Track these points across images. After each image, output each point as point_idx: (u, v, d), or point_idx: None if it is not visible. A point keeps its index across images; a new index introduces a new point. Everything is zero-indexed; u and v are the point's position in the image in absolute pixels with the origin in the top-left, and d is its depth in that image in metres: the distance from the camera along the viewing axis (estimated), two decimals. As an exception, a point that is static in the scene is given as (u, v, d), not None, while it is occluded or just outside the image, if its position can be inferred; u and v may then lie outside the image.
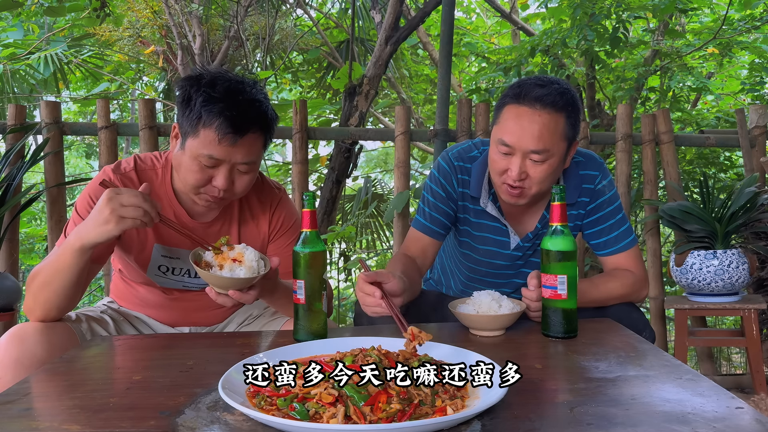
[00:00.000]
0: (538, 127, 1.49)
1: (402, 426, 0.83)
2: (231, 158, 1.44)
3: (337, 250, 4.78)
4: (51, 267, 1.40)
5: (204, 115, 1.40)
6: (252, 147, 1.47)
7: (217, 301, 1.38)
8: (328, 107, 5.48)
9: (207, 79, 1.44)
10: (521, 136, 1.50)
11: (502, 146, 1.53)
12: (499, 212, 1.69)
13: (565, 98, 1.52)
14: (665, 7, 3.90)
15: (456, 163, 1.72)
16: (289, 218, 1.70)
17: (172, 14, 4.38)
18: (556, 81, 1.54)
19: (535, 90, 1.50)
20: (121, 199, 1.32)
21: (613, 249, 1.68)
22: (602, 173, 1.69)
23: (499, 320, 1.36)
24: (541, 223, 1.70)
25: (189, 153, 1.44)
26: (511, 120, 1.52)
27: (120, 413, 0.95)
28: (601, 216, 1.68)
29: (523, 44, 4.58)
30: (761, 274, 2.86)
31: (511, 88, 1.56)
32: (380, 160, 8.93)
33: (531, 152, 1.51)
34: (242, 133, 1.42)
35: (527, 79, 1.56)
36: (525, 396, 0.98)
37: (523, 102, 1.51)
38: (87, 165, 8.53)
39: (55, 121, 2.82)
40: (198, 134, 1.42)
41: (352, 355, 1.02)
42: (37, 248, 5.46)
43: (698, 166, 4.26)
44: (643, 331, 1.54)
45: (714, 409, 0.90)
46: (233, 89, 1.43)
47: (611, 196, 1.69)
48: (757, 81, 4.74)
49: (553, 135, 1.50)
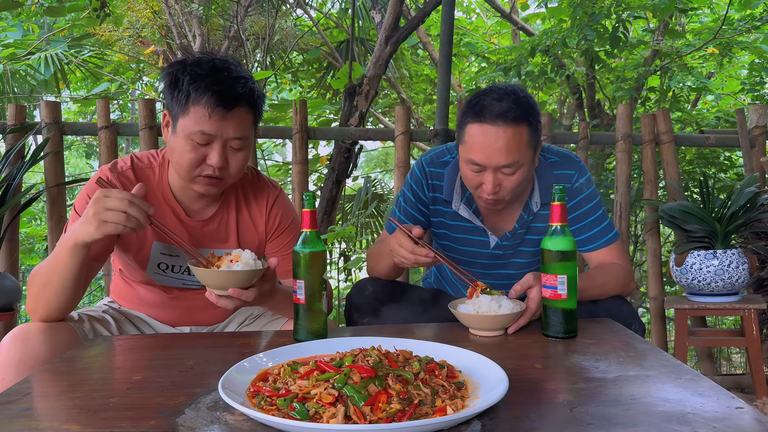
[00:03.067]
0: (503, 142, 1.51)
1: (402, 426, 0.83)
2: (222, 133, 1.44)
3: (337, 250, 4.78)
4: (49, 267, 1.40)
5: (192, 92, 1.41)
6: (242, 121, 1.47)
7: (218, 304, 1.37)
8: (328, 107, 5.48)
9: (192, 60, 1.46)
10: (489, 155, 1.52)
11: (473, 165, 1.56)
12: (473, 214, 1.73)
13: (523, 108, 1.53)
14: (665, 6, 3.90)
15: (428, 168, 1.77)
16: (287, 216, 1.70)
17: (172, 14, 4.38)
18: (511, 90, 1.56)
19: (494, 106, 1.52)
20: (106, 203, 1.30)
21: (596, 244, 1.71)
22: (579, 171, 1.72)
23: (499, 320, 1.36)
24: (519, 223, 1.73)
25: (181, 133, 1.44)
26: (477, 139, 1.53)
27: (120, 413, 0.95)
28: (581, 213, 1.70)
29: (523, 44, 4.58)
30: (761, 274, 2.86)
31: (470, 107, 1.56)
32: (380, 160, 8.94)
33: (501, 167, 1.54)
34: (231, 106, 1.43)
35: (483, 95, 1.56)
36: (525, 396, 0.98)
37: (484, 120, 1.52)
38: (87, 165, 8.53)
39: (55, 121, 2.82)
40: (188, 112, 1.42)
41: (352, 355, 1.02)
42: (37, 248, 5.46)
43: (698, 166, 4.26)
44: (633, 323, 1.56)
45: (714, 409, 0.90)
46: (219, 66, 1.45)
47: (590, 193, 1.72)
48: (757, 81, 4.74)
49: (519, 147, 1.53)
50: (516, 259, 1.78)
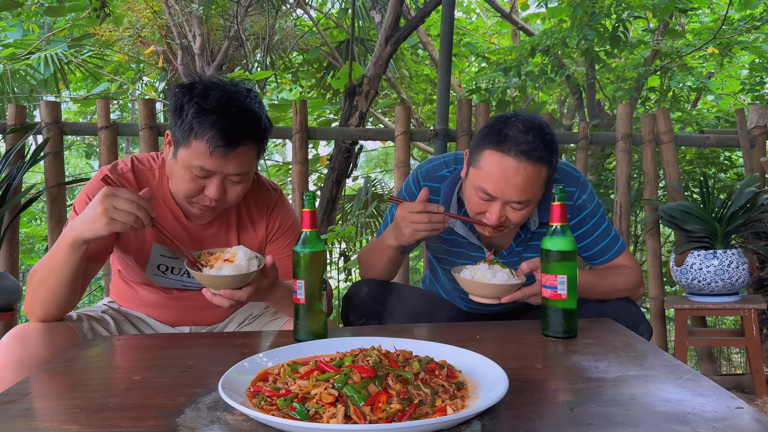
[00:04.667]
0: (522, 179, 1.45)
1: (402, 426, 0.83)
2: (223, 170, 1.43)
3: (337, 250, 4.78)
4: (46, 264, 1.40)
5: (196, 126, 1.38)
6: (245, 158, 1.45)
7: (213, 301, 1.38)
8: (328, 107, 5.48)
9: (199, 89, 1.41)
10: (504, 188, 1.46)
11: (483, 194, 1.49)
12: (470, 231, 1.68)
13: (548, 147, 1.47)
14: (665, 6, 3.90)
15: (423, 183, 1.71)
16: (287, 220, 1.69)
17: (172, 14, 4.38)
18: (537, 125, 1.48)
19: (519, 139, 1.44)
20: (116, 201, 1.30)
21: (606, 257, 1.69)
22: (580, 188, 1.67)
23: (491, 289, 1.42)
24: (516, 242, 1.69)
25: (181, 163, 1.44)
26: (494, 169, 1.46)
27: (120, 413, 0.95)
28: (587, 229, 1.67)
29: (523, 44, 4.58)
30: (761, 274, 2.86)
31: (492, 132, 1.48)
32: (380, 160, 8.93)
33: (513, 202, 1.49)
34: (234, 145, 1.40)
35: (508, 123, 1.48)
36: (525, 396, 0.98)
37: (507, 152, 1.45)
38: (87, 165, 8.53)
39: (55, 121, 2.82)
40: (189, 145, 1.40)
41: (352, 355, 1.02)
42: (37, 248, 5.46)
43: (698, 166, 4.26)
44: (640, 325, 1.56)
45: (714, 409, 0.90)
46: (226, 100, 1.40)
47: (593, 208, 1.68)
48: (757, 81, 4.74)
49: (535, 186, 1.48)
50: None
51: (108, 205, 1.30)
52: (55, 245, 1.39)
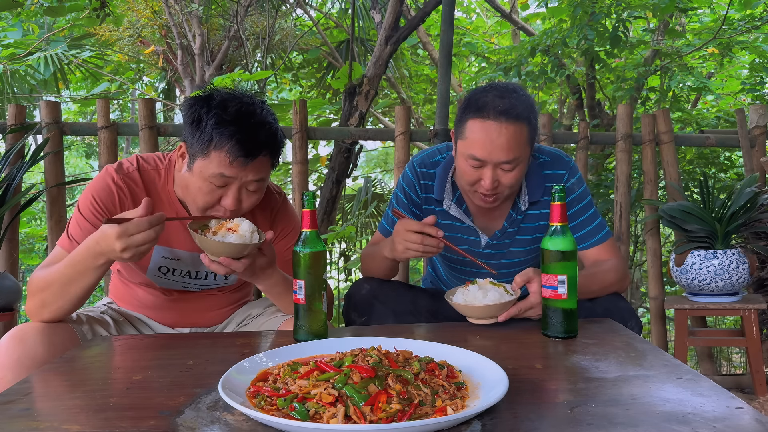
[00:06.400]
0: (505, 138, 1.53)
1: (402, 426, 0.83)
2: (241, 177, 1.45)
3: (337, 250, 4.78)
4: (67, 275, 1.39)
5: (215, 137, 1.41)
6: (262, 166, 1.48)
7: (210, 268, 1.40)
8: (328, 107, 5.49)
9: (218, 101, 1.44)
10: (491, 150, 1.54)
11: (473, 160, 1.57)
12: (464, 214, 1.75)
13: (525, 106, 1.56)
14: (665, 6, 3.89)
15: (419, 169, 1.79)
16: (290, 223, 1.72)
17: (172, 14, 4.38)
18: (512, 89, 1.58)
19: (496, 102, 1.54)
20: (134, 240, 1.29)
21: (589, 243, 1.72)
22: (569, 171, 1.74)
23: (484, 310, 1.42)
24: (507, 222, 1.75)
25: (198, 174, 1.45)
26: (479, 134, 1.55)
27: (120, 413, 0.95)
28: (573, 212, 1.71)
29: (523, 44, 4.57)
30: (761, 274, 2.86)
31: (471, 103, 1.58)
32: (380, 160, 8.94)
33: (502, 163, 1.56)
34: (254, 156, 1.43)
35: (484, 92, 1.58)
36: (525, 396, 0.98)
37: (487, 116, 1.54)
38: (87, 165, 8.53)
39: (55, 121, 2.82)
40: (208, 155, 1.43)
41: (352, 355, 1.02)
42: (37, 248, 5.45)
43: (698, 166, 4.26)
44: (630, 320, 1.58)
45: (714, 409, 0.90)
46: (244, 111, 1.44)
47: (581, 192, 1.73)
48: (757, 81, 4.73)
49: (519, 143, 1.56)
50: (507, 258, 1.79)
51: (129, 244, 1.29)
52: (76, 260, 1.37)
